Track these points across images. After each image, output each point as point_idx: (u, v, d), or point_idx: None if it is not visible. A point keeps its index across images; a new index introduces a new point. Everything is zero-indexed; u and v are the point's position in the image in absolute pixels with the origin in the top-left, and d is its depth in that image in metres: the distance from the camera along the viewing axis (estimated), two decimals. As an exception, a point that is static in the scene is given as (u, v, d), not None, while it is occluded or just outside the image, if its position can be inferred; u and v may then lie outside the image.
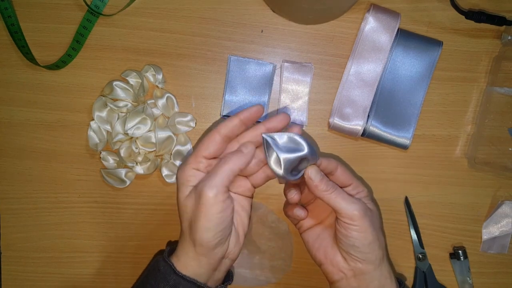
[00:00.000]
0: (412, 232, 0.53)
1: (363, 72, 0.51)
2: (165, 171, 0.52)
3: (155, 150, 0.52)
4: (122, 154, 0.51)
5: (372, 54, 0.51)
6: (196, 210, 0.41)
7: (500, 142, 0.53)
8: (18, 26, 0.53)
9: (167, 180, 0.52)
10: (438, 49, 0.51)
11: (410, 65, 0.52)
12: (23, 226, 0.54)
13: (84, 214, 0.54)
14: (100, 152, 0.52)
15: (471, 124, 0.53)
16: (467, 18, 0.51)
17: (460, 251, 0.53)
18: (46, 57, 0.53)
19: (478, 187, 0.54)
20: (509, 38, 0.51)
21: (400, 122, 0.52)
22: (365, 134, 0.52)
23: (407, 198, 0.54)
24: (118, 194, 0.54)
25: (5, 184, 0.54)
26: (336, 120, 0.52)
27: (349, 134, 0.52)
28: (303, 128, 0.53)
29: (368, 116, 0.51)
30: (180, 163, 0.53)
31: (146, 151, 0.52)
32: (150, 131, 0.51)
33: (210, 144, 0.42)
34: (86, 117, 0.53)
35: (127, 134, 0.51)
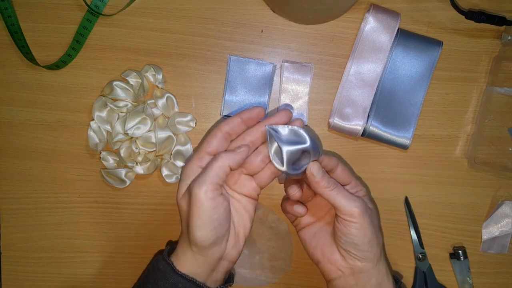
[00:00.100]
0: (412, 232, 0.53)
1: (363, 72, 0.51)
2: (165, 171, 0.52)
3: (155, 150, 0.52)
4: (122, 154, 0.51)
5: (372, 54, 0.51)
6: (189, 208, 0.41)
7: (500, 142, 0.53)
8: (18, 26, 0.53)
9: (167, 180, 0.52)
10: (438, 49, 0.51)
11: (410, 65, 0.52)
12: (23, 226, 0.54)
13: (84, 214, 0.54)
14: (100, 152, 0.52)
15: (471, 124, 0.53)
16: (467, 18, 0.51)
17: (460, 251, 0.53)
18: (46, 57, 0.53)
19: (478, 187, 0.54)
20: (509, 38, 0.51)
21: (400, 122, 0.52)
22: (365, 134, 0.52)
23: (407, 198, 0.54)
24: (118, 194, 0.54)
25: (5, 184, 0.54)
26: (336, 120, 0.52)
27: (349, 134, 0.52)
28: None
29: (368, 116, 0.51)
30: (180, 163, 0.53)
31: (146, 151, 0.52)
32: (150, 131, 0.51)
33: (213, 140, 0.43)
34: (86, 117, 0.53)
35: (127, 134, 0.51)
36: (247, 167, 0.44)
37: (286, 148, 0.41)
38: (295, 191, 0.44)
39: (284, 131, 0.43)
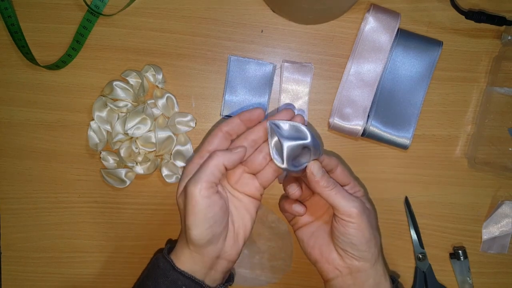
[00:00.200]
0: (412, 232, 0.53)
1: (363, 72, 0.51)
2: (165, 171, 0.52)
3: (155, 150, 0.52)
4: (122, 154, 0.51)
5: (372, 54, 0.51)
6: (185, 206, 0.41)
7: (500, 142, 0.53)
8: (18, 26, 0.53)
9: (167, 180, 0.52)
10: (438, 49, 0.51)
11: (410, 65, 0.52)
12: (23, 226, 0.54)
13: (84, 214, 0.54)
14: (100, 152, 0.52)
15: (471, 124, 0.53)
16: (467, 18, 0.51)
17: (460, 251, 0.53)
18: (46, 57, 0.53)
19: (478, 187, 0.54)
20: (509, 38, 0.51)
21: (400, 122, 0.52)
22: (365, 134, 0.52)
23: (407, 198, 0.54)
24: (118, 194, 0.54)
25: (5, 184, 0.54)
26: (336, 120, 0.52)
27: (349, 134, 0.52)
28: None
29: (368, 116, 0.51)
30: (180, 163, 0.53)
31: (146, 151, 0.52)
32: (150, 131, 0.51)
33: (213, 139, 0.44)
34: (86, 117, 0.53)
35: (127, 134, 0.51)
36: (249, 165, 0.44)
37: (286, 143, 0.41)
38: (294, 190, 0.45)
39: (285, 126, 0.43)
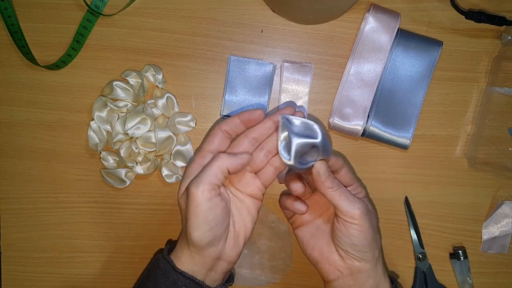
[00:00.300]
0: (412, 232, 0.53)
1: (363, 72, 0.51)
2: (165, 171, 0.52)
3: (155, 150, 0.52)
4: (122, 154, 0.51)
5: (372, 54, 0.51)
6: (186, 207, 0.41)
7: (500, 142, 0.53)
8: (18, 26, 0.53)
9: (167, 180, 0.52)
10: (438, 49, 0.51)
11: (410, 65, 0.52)
12: (23, 226, 0.54)
13: (84, 214, 0.54)
14: (100, 152, 0.52)
15: (471, 124, 0.53)
16: (467, 18, 0.51)
17: (460, 251, 0.53)
18: (46, 57, 0.53)
19: (478, 187, 0.54)
20: (509, 38, 0.51)
21: (400, 122, 0.52)
22: (365, 134, 0.52)
23: (407, 198, 0.54)
24: (118, 194, 0.54)
25: (5, 184, 0.54)
26: (336, 120, 0.52)
27: (349, 134, 0.52)
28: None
29: (368, 116, 0.51)
30: (180, 163, 0.53)
31: (146, 151, 0.52)
32: (150, 131, 0.51)
33: (214, 139, 0.44)
34: (86, 117, 0.53)
35: (127, 134, 0.51)
36: (250, 164, 0.44)
37: (296, 140, 0.40)
38: (298, 187, 0.44)
39: (297, 122, 0.42)
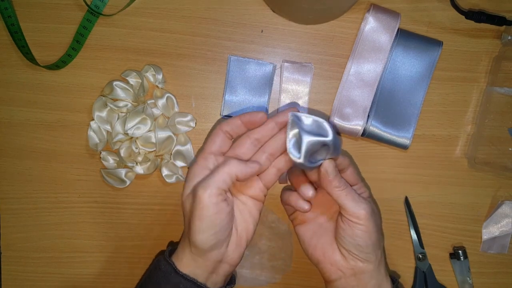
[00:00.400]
0: (412, 232, 0.53)
1: (363, 72, 0.51)
2: (165, 171, 0.52)
3: (155, 150, 0.52)
4: (122, 154, 0.51)
5: (372, 54, 0.51)
6: (192, 210, 0.41)
7: (500, 142, 0.53)
8: (18, 26, 0.53)
9: (167, 180, 0.52)
10: (438, 49, 0.51)
11: (410, 65, 0.52)
12: (23, 226, 0.54)
13: (84, 214, 0.54)
14: (100, 152, 0.52)
15: (471, 124, 0.53)
16: (467, 18, 0.51)
17: (460, 251, 0.53)
18: (46, 57, 0.53)
19: (478, 187, 0.54)
20: (509, 38, 0.51)
21: (400, 122, 0.52)
22: (365, 134, 0.52)
23: (407, 198, 0.54)
24: (118, 194, 0.54)
25: (5, 184, 0.54)
26: (336, 120, 0.52)
27: (349, 134, 0.52)
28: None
29: (368, 116, 0.51)
30: (180, 163, 0.53)
31: (146, 151, 0.52)
32: (150, 131, 0.51)
33: (215, 139, 0.44)
34: (86, 117, 0.53)
35: (127, 134, 0.51)
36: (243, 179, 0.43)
37: (307, 138, 0.39)
38: (309, 191, 0.44)
39: (307, 120, 0.41)
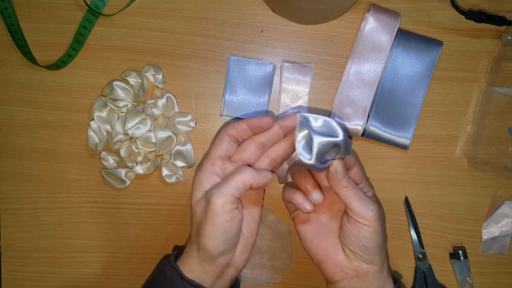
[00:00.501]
0: (412, 232, 0.53)
1: (363, 72, 0.51)
2: (165, 171, 0.52)
3: (155, 150, 0.52)
4: (122, 154, 0.51)
5: (372, 54, 0.51)
6: (204, 216, 0.40)
7: (500, 142, 0.53)
8: (18, 26, 0.53)
9: (167, 180, 0.52)
10: (438, 49, 0.51)
11: (410, 65, 0.52)
12: (23, 226, 0.54)
13: (84, 214, 0.54)
14: (100, 152, 0.52)
15: (471, 124, 0.53)
16: (467, 18, 0.51)
17: (460, 251, 0.53)
18: (46, 57, 0.53)
19: (478, 187, 0.54)
20: (509, 38, 0.51)
21: (400, 122, 0.52)
22: (365, 134, 0.52)
23: (407, 198, 0.54)
24: (118, 194, 0.54)
25: (5, 184, 0.54)
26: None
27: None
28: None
29: (368, 116, 0.51)
30: (180, 163, 0.53)
31: (146, 151, 0.52)
32: (150, 131, 0.51)
33: (222, 143, 0.43)
34: (86, 117, 0.53)
35: (127, 134, 0.51)
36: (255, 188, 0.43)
37: (318, 139, 0.39)
38: (318, 197, 0.43)
39: (316, 121, 0.41)
